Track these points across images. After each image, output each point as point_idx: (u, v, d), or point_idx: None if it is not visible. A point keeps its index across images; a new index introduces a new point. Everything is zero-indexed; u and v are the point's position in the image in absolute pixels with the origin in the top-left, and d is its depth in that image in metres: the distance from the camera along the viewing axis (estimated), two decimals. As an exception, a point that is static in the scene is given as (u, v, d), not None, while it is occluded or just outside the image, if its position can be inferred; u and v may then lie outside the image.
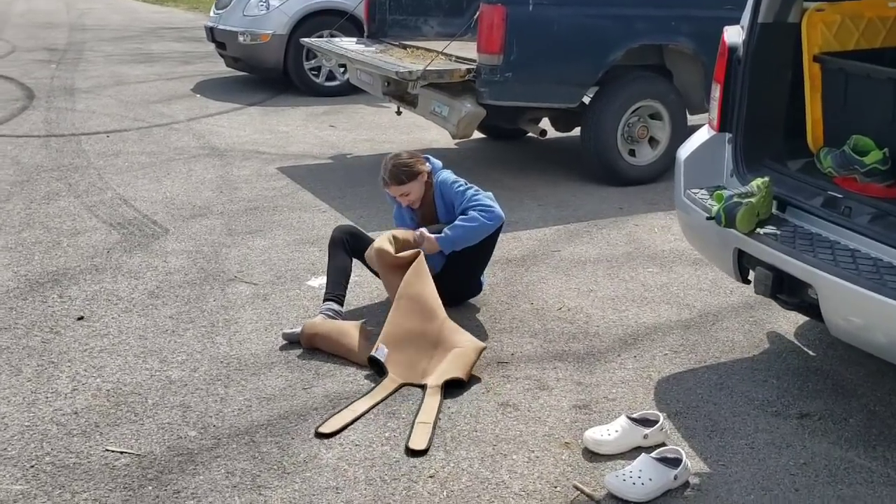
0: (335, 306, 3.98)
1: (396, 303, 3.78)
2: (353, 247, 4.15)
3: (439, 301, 3.81)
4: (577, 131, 6.79)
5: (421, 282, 3.84)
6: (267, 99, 9.57)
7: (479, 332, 4.01)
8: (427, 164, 4.23)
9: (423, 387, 3.49)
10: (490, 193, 4.13)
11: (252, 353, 3.78)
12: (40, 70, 11.17)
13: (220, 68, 11.00)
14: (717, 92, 3.61)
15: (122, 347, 3.82)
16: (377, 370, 3.61)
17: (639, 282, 4.63)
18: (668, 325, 4.11)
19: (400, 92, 6.44)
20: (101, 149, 7.28)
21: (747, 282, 3.35)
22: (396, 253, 3.92)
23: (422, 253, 3.92)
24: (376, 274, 4.16)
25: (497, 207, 4.05)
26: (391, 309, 3.78)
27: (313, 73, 9.68)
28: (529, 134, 7.41)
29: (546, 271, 4.76)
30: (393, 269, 3.93)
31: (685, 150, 3.66)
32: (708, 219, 3.14)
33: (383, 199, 4.31)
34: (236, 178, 6.48)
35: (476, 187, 4.15)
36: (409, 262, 3.90)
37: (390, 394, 3.48)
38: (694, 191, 3.51)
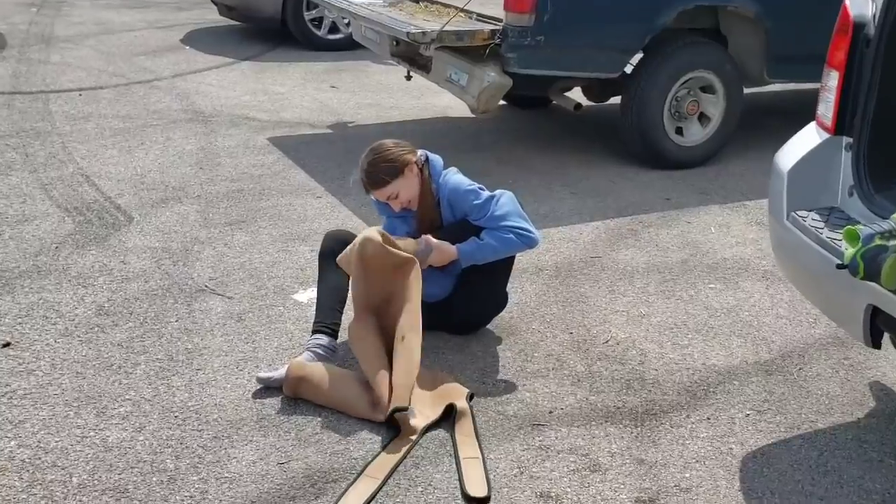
0: (326, 340, 3.13)
1: (404, 336, 2.95)
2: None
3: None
4: (612, 101, 5.88)
5: (417, 303, 3.02)
6: (262, 53, 8.63)
7: (505, 374, 3.17)
8: (416, 152, 3.31)
9: (444, 421, 2.87)
10: (515, 204, 3.24)
11: (216, 404, 2.94)
12: (19, 14, 10.20)
13: (214, 16, 10.03)
14: (832, 81, 2.72)
15: (51, 390, 2.99)
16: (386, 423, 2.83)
17: (700, 303, 3.77)
18: (745, 370, 3.26)
19: (411, 54, 5.54)
20: (71, 110, 6.39)
21: (878, 346, 2.49)
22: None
23: (416, 262, 3.07)
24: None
25: (534, 229, 3.23)
26: (398, 343, 2.95)
27: (314, 24, 8.73)
28: (554, 102, 6.48)
29: (586, 285, 3.90)
30: (376, 270, 3.08)
31: (788, 157, 2.78)
32: (839, 267, 2.27)
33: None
34: (219, 151, 5.60)
35: (498, 193, 3.26)
36: (401, 265, 3.07)
37: (412, 446, 2.73)
38: (802, 213, 2.64)
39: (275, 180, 5.09)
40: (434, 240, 3.18)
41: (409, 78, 5.94)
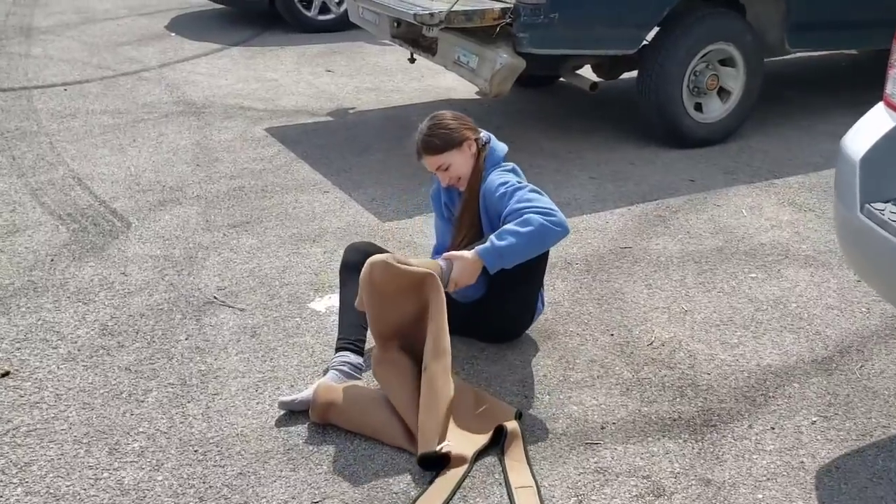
0: (352, 357, 2.89)
1: (427, 365, 2.66)
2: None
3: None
4: (623, 78, 5.63)
5: (441, 323, 2.69)
6: (251, 37, 8.33)
7: (547, 385, 2.93)
8: (478, 131, 3.09)
9: (492, 446, 2.62)
10: (545, 196, 2.95)
11: (238, 433, 2.70)
12: (-5, 5, 9.85)
13: (198, 0, 9.70)
14: (905, 57, 2.47)
15: (58, 425, 2.74)
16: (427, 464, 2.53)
17: (743, 295, 3.54)
18: (803, 370, 3.04)
19: (413, 35, 5.26)
20: (56, 106, 6.10)
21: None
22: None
23: (436, 276, 2.75)
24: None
25: (560, 212, 2.89)
26: (423, 374, 2.67)
27: (303, 4, 8.42)
28: (564, 81, 6.21)
29: (620, 279, 3.66)
30: (391, 295, 2.75)
31: (858, 142, 2.53)
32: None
33: (398, 170, 3.14)
34: (216, 145, 5.32)
35: (530, 186, 2.98)
36: (418, 282, 2.75)
37: (463, 477, 2.48)
38: (878, 206, 2.39)
39: (277, 175, 4.82)
40: (456, 253, 2.83)
41: (412, 61, 5.66)
